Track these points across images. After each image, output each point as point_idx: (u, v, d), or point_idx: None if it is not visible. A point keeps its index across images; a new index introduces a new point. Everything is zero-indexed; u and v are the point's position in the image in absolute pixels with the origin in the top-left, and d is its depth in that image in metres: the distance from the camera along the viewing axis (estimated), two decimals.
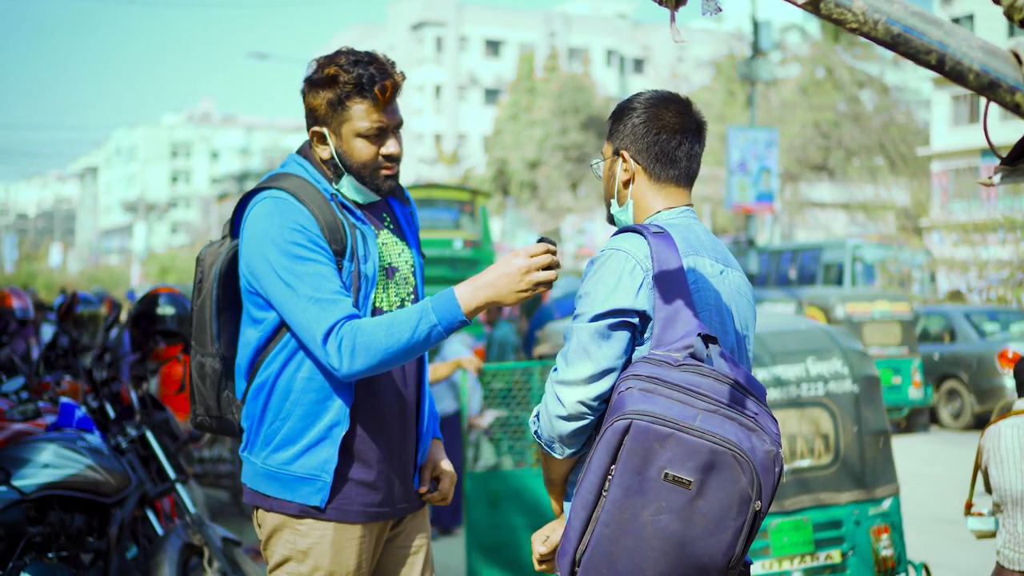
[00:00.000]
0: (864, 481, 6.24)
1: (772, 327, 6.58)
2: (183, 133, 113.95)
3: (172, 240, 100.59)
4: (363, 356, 3.13)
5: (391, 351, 3.13)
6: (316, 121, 3.39)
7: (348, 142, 3.35)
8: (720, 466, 2.65)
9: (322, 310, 3.16)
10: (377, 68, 3.33)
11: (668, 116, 3.08)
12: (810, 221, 46.93)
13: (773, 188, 28.90)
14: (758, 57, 30.78)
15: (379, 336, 3.13)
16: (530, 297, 3.16)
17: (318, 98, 3.36)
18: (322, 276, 3.21)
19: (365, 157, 3.36)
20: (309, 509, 3.31)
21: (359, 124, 3.33)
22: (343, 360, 3.15)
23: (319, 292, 3.18)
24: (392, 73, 3.36)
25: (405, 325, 3.14)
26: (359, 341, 3.13)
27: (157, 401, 6.66)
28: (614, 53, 78.40)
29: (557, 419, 2.86)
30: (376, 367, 3.16)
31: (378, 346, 3.13)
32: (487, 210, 18.95)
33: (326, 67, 3.35)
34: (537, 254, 3.10)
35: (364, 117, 3.32)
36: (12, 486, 5.69)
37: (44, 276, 69.38)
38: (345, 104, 3.32)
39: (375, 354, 3.13)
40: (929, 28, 1.74)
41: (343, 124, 3.34)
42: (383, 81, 3.32)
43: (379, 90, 3.31)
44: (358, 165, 3.37)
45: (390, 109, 3.38)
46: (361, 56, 3.36)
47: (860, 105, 44.83)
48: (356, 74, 3.30)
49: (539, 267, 3.10)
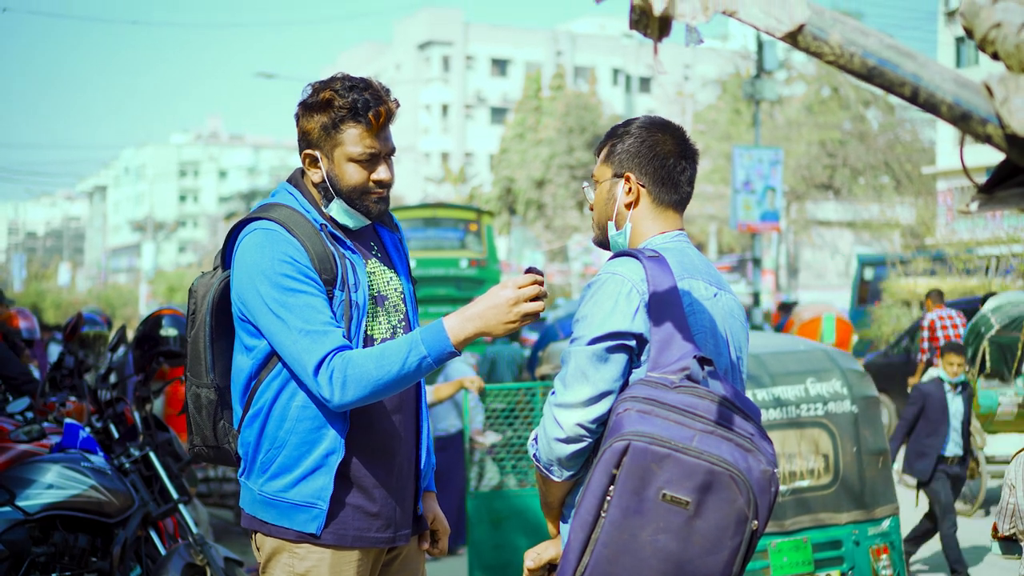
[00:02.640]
0: (864, 501, 6.26)
1: (772, 348, 6.60)
2: (191, 152, 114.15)
3: (180, 259, 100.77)
4: (354, 387, 3.16)
5: (381, 382, 3.16)
6: (309, 144, 3.41)
7: (340, 166, 3.37)
8: (717, 486, 2.68)
9: (313, 342, 3.19)
10: (372, 94, 3.35)
11: (670, 141, 3.12)
12: (816, 240, 46.92)
13: (778, 207, 28.88)
14: (763, 76, 30.82)
15: (369, 368, 3.15)
16: (518, 328, 3.19)
17: (312, 121, 3.37)
18: (312, 308, 3.23)
19: (356, 181, 3.38)
20: (306, 535, 3.34)
21: (351, 149, 3.35)
22: (334, 391, 3.17)
23: (309, 324, 3.20)
24: (386, 100, 3.37)
25: (395, 357, 3.16)
26: (350, 373, 3.16)
27: (160, 422, 6.70)
28: (620, 72, 78.43)
29: (556, 442, 2.89)
30: (367, 398, 3.19)
31: (368, 377, 3.15)
32: (493, 229, 19.00)
33: (321, 91, 3.36)
34: (525, 285, 3.12)
35: (357, 142, 3.35)
36: (16, 506, 5.73)
37: (53, 295, 69.43)
38: (339, 128, 3.34)
39: (365, 385, 3.16)
40: (903, 61, 1.78)
41: (335, 148, 3.36)
42: (377, 107, 3.33)
43: (373, 116, 3.32)
44: (348, 189, 3.39)
45: (383, 135, 3.39)
46: (356, 82, 3.38)
47: (865, 124, 44.83)
48: (351, 99, 3.32)
49: (527, 298, 3.12)
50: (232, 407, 3.50)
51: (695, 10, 1.86)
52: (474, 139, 77.45)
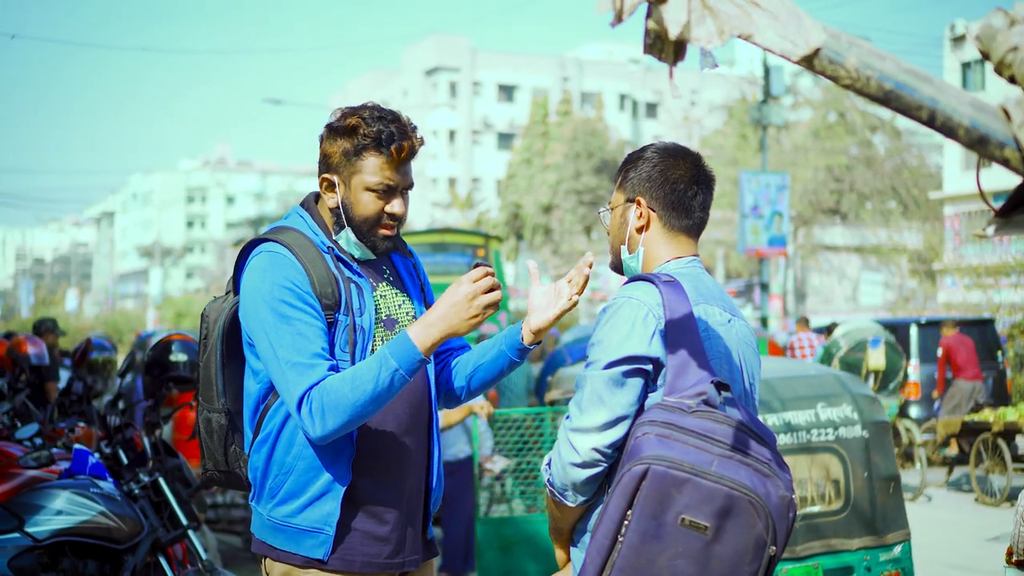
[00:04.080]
0: (875, 527, 6.23)
1: (782, 372, 6.59)
2: (199, 178, 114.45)
3: (188, 285, 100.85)
4: (332, 415, 3.15)
5: (358, 404, 3.14)
6: (328, 168, 3.42)
7: (355, 194, 3.37)
8: (736, 511, 2.67)
9: (299, 375, 3.18)
10: (398, 127, 3.35)
11: (683, 167, 3.13)
12: (823, 265, 46.91)
13: (786, 232, 28.94)
14: (770, 101, 30.91)
15: (344, 392, 3.14)
16: (481, 322, 3.20)
17: (334, 146, 3.38)
18: (304, 337, 3.22)
19: (369, 212, 3.38)
20: (313, 561, 3.33)
21: (369, 178, 3.35)
22: (315, 423, 3.16)
23: (298, 355, 3.19)
24: (411, 136, 3.38)
25: (368, 376, 3.15)
26: (326, 401, 3.14)
27: (170, 447, 6.69)
28: (627, 97, 78.65)
29: (571, 466, 2.89)
30: (348, 423, 3.17)
31: (345, 402, 3.14)
32: (501, 254, 19.00)
33: (349, 117, 3.37)
34: (479, 278, 3.17)
35: (376, 172, 3.35)
36: (25, 532, 5.72)
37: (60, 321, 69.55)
38: (360, 155, 3.34)
39: (343, 411, 3.14)
40: (920, 84, 1.78)
41: (354, 175, 3.36)
42: (401, 141, 3.34)
43: (395, 148, 3.33)
44: (360, 219, 3.39)
45: (403, 170, 3.39)
46: (385, 113, 3.38)
47: (872, 149, 44.90)
48: (376, 129, 3.32)
49: (484, 290, 3.16)
50: (243, 432, 3.50)
51: (710, 34, 1.85)
52: (481, 164, 77.62)
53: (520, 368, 12.76)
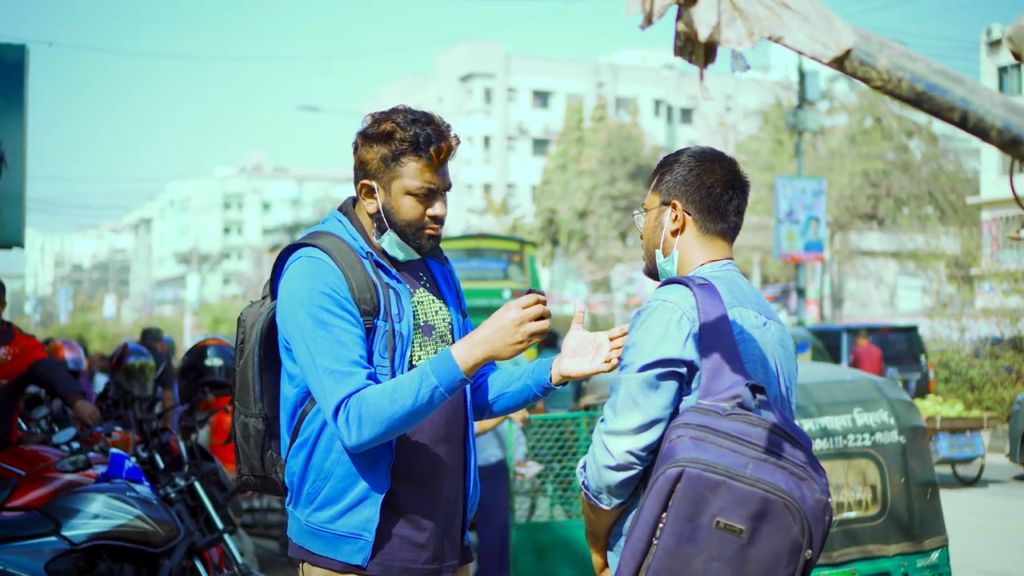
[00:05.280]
0: (912, 533, 6.19)
1: (818, 378, 6.56)
2: (235, 185, 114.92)
3: (224, 291, 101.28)
4: (369, 426, 3.14)
5: (395, 418, 3.13)
6: (366, 175, 3.40)
7: (397, 199, 3.36)
8: (771, 514, 2.67)
9: (336, 383, 3.18)
10: (434, 129, 3.34)
11: (719, 171, 3.13)
12: (860, 270, 46.64)
13: (822, 237, 28.82)
14: (805, 107, 30.79)
15: (383, 404, 3.13)
16: (526, 349, 3.17)
17: (371, 152, 3.37)
18: (342, 344, 3.21)
19: (412, 216, 3.37)
20: (351, 566, 3.32)
21: (410, 182, 3.34)
22: (351, 432, 3.16)
23: (336, 363, 3.19)
24: (448, 136, 3.37)
25: (408, 391, 3.13)
26: (364, 411, 3.14)
27: (206, 452, 6.72)
28: (662, 103, 78.47)
29: (605, 469, 2.88)
30: (384, 435, 3.17)
31: (383, 414, 3.13)
32: (536, 260, 18.99)
33: (383, 122, 3.36)
34: (528, 305, 3.13)
35: (416, 176, 3.34)
36: (62, 536, 5.76)
37: (98, 327, 70.08)
38: (399, 161, 3.33)
39: (380, 423, 3.14)
40: (952, 86, 1.77)
41: (394, 180, 3.35)
42: (439, 143, 3.33)
43: (434, 151, 3.32)
44: (403, 223, 3.38)
45: (442, 171, 3.39)
46: (419, 115, 3.37)
47: (909, 154, 44.63)
48: (413, 132, 3.31)
49: (532, 318, 3.12)
50: (280, 437, 3.50)
51: (740, 36, 1.84)
52: (516, 170, 77.62)
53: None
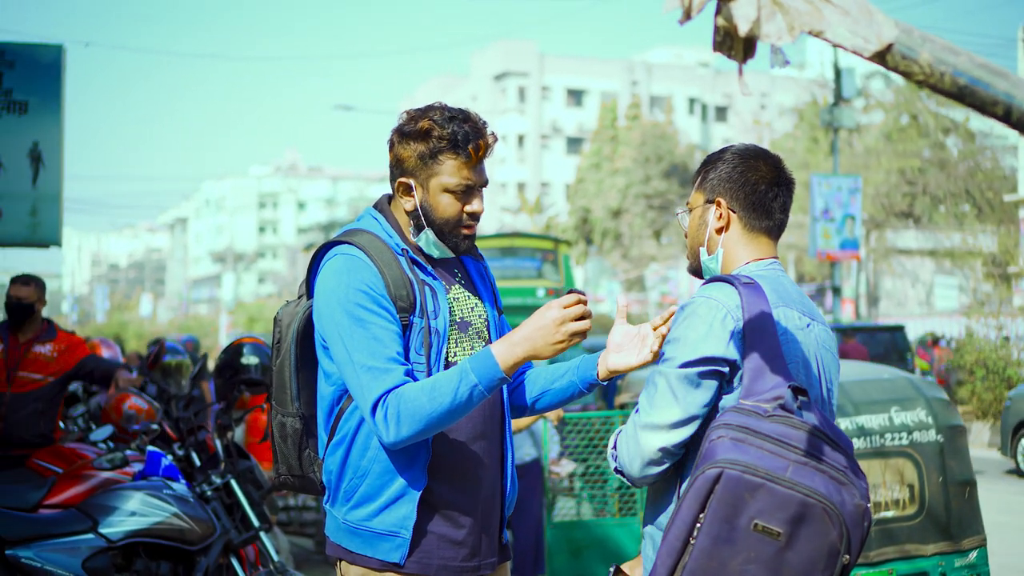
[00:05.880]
0: (950, 532, 6.13)
1: (855, 376, 6.51)
2: (270, 184, 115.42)
3: (260, 290, 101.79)
4: (407, 423, 3.14)
5: (435, 415, 3.13)
6: (403, 172, 3.40)
7: (434, 196, 3.36)
8: (810, 518, 2.64)
9: (373, 379, 3.17)
10: (471, 126, 3.34)
11: (764, 168, 3.11)
12: (896, 268, 46.37)
13: (858, 235, 28.66)
14: (841, 104, 30.64)
15: (422, 402, 3.13)
16: (566, 349, 3.15)
17: (408, 149, 3.36)
18: (379, 341, 3.21)
19: (450, 213, 3.37)
20: (389, 564, 3.32)
21: (448, 180, 3.34)
22: (389, 429, 3.15)
23: (373, 359, 3.19)
24: (485, 133, 3.37)
25: (447, 388, 3.13)
26: (403, 408, 3.14)
27: (242, 450, 6.74)
28: (696, 101, 78.36)
29: (637, 463, 2.89)
30: (422, 432, 3.16)
31: (422, 412, 3.13)
32: (570, 258, 18.97)
33: (419, 120, 3.35)
34: (570, 305, 3.12)
35: (454, 173, 3.34)
36: (99, 533, 5.79)
37: (135, 326, 70.52)
38: (437, 158, 3.33)
39: (419, 420, 3.13)
40: (995, 80, 1.74)
41: (431, 178, 3.35)
42: (476, 140, 3.33)
43: (473, 148, 3.32)
44: (441, 221, 3.38)
45: (479, 168, 3.39)
46: (455, 112, 3.37)
47: (945, 151, 44.30)
48: (451, 130, 3.31)
49: (573, 317, 3.11)
50: (317, 435, 3.50)
51: (780, 30, 1.82)
52: (550, 169, 77.62)
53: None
